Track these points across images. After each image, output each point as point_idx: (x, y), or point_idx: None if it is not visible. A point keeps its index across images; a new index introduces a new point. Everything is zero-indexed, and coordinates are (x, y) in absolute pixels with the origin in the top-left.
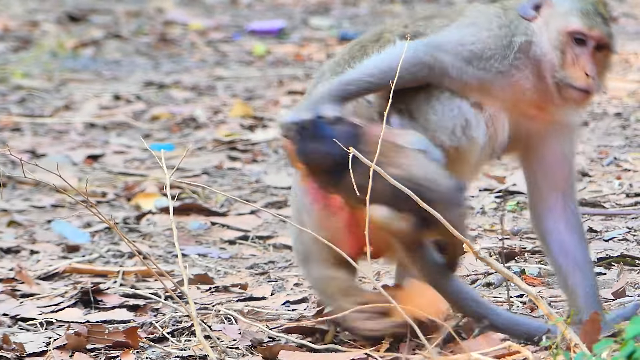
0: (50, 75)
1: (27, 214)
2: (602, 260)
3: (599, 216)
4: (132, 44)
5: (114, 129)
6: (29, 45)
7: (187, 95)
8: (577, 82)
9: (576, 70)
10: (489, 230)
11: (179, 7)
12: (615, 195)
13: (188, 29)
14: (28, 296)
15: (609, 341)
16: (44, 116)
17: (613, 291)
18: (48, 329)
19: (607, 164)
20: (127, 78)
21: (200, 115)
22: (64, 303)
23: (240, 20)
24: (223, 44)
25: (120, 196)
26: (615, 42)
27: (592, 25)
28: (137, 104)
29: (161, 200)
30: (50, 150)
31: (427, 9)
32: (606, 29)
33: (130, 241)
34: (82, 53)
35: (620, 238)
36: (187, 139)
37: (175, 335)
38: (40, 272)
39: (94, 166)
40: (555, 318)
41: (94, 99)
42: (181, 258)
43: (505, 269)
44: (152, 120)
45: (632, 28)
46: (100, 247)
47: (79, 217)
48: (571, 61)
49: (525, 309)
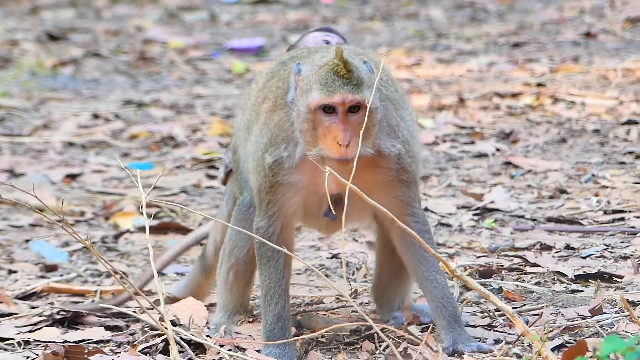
0: (30, 94)
1: (5, 233)
2: (580, 278)
3: (577, 233)
4: (111, 62)
5: (93, 147)
6: (8, 64)
7: (166, 114)
8: (331, 154)
9: (329, 141)
10: (466, 248)
11: (158, 25)
12: (593, 212)
13: (167, 47)
14: (6, 316)
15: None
16: (23, 135)
17: (590, 308)
18: (26, 348)
19: (585, 180)
20: (106, 97)
21: (178, 134)
22: (42, 323)
23: (220, 39)
24: (202, 62)
25: (98, 215)
26: (369, 95)
27: (331, 93)
28: (116, 122)
29: (139, 219)
30: (29, 169)
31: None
32: (351, 89)
33: (107, 261)
34: (61, 72)
35: (598, 255)
36: (165, 157)
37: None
38: (18, 291)
39: (72, 185)
40: (532, 335)
41: (73, 118)
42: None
43: (482, 286)
44: (131, 139)
45: (611, 44)
46: (78, 266)
47: (57, 237)
48: (324, 133)
49: (505, 326)
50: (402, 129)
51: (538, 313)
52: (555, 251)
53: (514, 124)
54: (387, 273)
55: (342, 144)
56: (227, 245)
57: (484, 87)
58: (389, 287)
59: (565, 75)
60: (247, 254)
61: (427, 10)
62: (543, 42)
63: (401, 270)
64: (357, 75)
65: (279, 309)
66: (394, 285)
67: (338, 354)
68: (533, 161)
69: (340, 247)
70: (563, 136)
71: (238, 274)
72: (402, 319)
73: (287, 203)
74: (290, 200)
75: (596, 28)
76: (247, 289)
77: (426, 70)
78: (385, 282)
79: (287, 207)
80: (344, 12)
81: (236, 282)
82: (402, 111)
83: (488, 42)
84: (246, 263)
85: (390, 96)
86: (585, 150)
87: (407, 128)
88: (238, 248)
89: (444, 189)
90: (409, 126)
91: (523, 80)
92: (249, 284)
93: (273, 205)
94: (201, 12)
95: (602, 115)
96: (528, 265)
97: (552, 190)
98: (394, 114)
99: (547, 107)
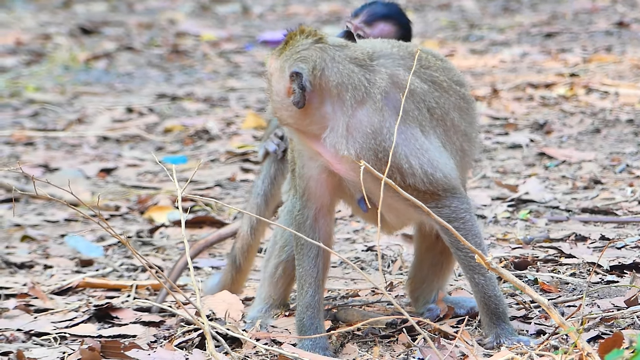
0: (63, 89)
1: (40, 228)
2: (615, 268)
3: (612, 224)
4: (144, 56)
5: (127, 142)
6: (42, 58)
7: (200, 107)
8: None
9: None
10: (501, 239)
11: (190, 18)
12: (628, 202)
13: (200, 40)
14: (42, 311)
15: (620, 351)
16: (57, 130)
17: (625, 299)
18: (62, 344)
19: (619, 171)
20: (139, 90)
21: (212, 127)
22: (78, 318)
23: (252, 31)
24: (235, 55)
25: (133, 209)
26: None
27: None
28: (149, 116)
29: (174, 214)
30: (63, 164)
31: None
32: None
33: (142, 256)
34: (94, 66)
35: (633, 245)
36: (200, 151)
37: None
38: (54, 286)
39: (107, 179)
40: (568, 327)
41: (107, 112)
42: (193, 271)
43: (517, 278)
44: (165, 132)
45: None
46: (113, 261)
47: (93, 232)
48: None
49: (540, 318)
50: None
51: (574, 304)
52: (591, 242)
53: (548, 115)
54: (427, 264)
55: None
56: (278, 240)
57: (517, 77)
58: (427, 278)
59: (599, 65)
60: None
61: (459, 1)
62: (576, 32)
63: (441, 261)
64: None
65: (308, 298)
66: (432, 277)
67: (374, 347)
68: (567, 152)
69: (376, 239)
70: (597, 126)
71: (287, 270)
72: (437, 311)
73: (315, 182)
74: (318, 180)
75: (629, 17)
76: (291, 285)
77: (459, 61)
78: (424, 273)
79: (316, 187)
80: None
81: (283, 277)
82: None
83: (521, 32)
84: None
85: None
86: (619, 141)
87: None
88: (290, 246)
89: (479, 181)
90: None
91: (556, 71)
92: (294, 281)
93: (302, 182)
94: (234, 5)
95: (636, 105)
96: (563, 257)
97: (587, 181)
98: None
99: (581, 97)
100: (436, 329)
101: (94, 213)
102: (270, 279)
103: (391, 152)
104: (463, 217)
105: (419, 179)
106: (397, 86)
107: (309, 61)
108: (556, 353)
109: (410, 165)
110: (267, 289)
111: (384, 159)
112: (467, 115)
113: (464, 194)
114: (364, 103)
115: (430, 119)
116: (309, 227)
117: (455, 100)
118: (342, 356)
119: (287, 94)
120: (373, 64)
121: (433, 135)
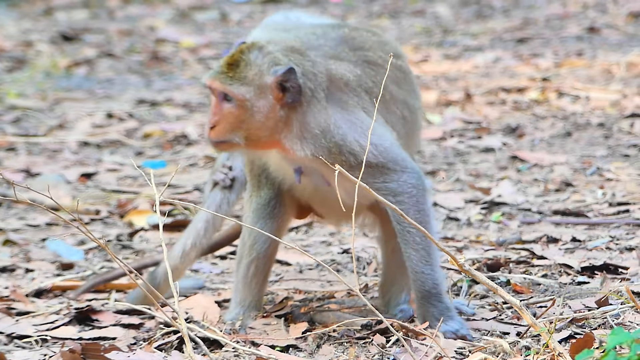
0: (44, 95)
1: (22, 232)
2: (586, 269)
3: (583, 225)
4: (124, 62)
5: (107, 147)
6: (23, 65)
7: (179, 113)
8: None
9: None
10: (474, 241)
11: (170, 25)
12: (599, 204)
13: (179, 46)
14: (23, 314)
15: (591, 351)
16: (39, 135)
17: (596, 300)
18: (43, 346)
19: (590, 174)
20: (119, 96)
21: (191, 132)
22: (59, 321)
23: (231, 37)
24: (214, 61)
25: (113, 213)
26: (238, 93)
27: (208, 76)
28: (129, 121)
29: (153, 217)
30: (44, 169)
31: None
32: (224, 79)
33: (121, 260)
34: (75, 72)
35: (604, 247)
36: (179, 155)
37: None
38: (35, 289)
39: (87, 184)
40: (540, 328)
41: (88, 118)
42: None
43: (489, 280)
44: (145, 137)
45: (614, 39)
46: (93, 264)
47: (73, 235)
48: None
49: (512, 318)
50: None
51: (545, 305)
52: (562, 243)
53: (520, 119)
54: (393, 266)
55: (209, 125)
56: (247, 241)
57: (490, 82)
58: (395, 280)
59: (570, 70)
60: (269, 248)
61: (433, 8)
62: (547, 37)
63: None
64: (239, 70)
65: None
66: (400, 278)
67: (350, 348)
68: (539, 155)
69: (351, 242)
70: (568, 130)
71: (259, 268)
72: (410, 312)
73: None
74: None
75: (599, 23)
76: (265, 285)
77: (433, 66)
78: (392, 275)
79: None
80: (352, 10)
81: (256, 275)
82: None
83: (494, 38)
84: (266, 257)
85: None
86: (590, 144)
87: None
88: (259, 243)
89: (452, 184)
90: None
91: (528, 75)
92: (266, 279)
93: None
94: (212, 12)
95: (606, 108)
96: (535, 258)
97: (558, 184)
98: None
99: (552, 101)
100: (408, 329)
101: (74, 217)
102: (243, 279)
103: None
104: (409, 191)
105: (370, 155)
106: (332, 80)
107: (282, 61)
108: (527, 354)
109: (360, 145)
110: (242, 291)
111: (337, 152)
112: (405, 85)
113: (416, 170)
114: (310, 104)
115: (370, 98)
116: (272, 207)
117: (392, 73)
118: (318, 357)
119: (277, 100)
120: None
121: (376, 112)
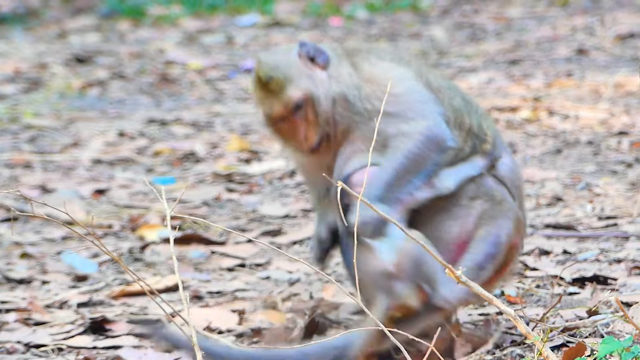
0: (59, 115)
1: (38, 246)
2: (576, 281)
3: (573, 238)
4: (135, 83)
5: (119, 164)
6: (39, 86)
7: (188, 131)
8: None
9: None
10: None
11: (178, 48)
12: (588, 218)
13: (187, 68)
14: (40, 324)
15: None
16: (54, 153)
17: (587, 310)
18: (59, 355)
19: (580, 189)
20: (131, 116)
21: (199, 150)
22: (74, 330)
23: (236, 59)
24: (220, 82)
25: (125, 227)
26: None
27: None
28: (140, 140)
29: (164, 231)
30: (59, 185)
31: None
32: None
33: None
34: (88, 93)
35: (593, 259)
36: (187, 172)
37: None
38: (49, 300)
39: (100, 200)
40: (533, 337)
41: (100, 136)
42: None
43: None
44: (155, 155)
45: (601, 60)
46: (107, 276)
47: (88, 249)
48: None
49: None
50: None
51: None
52: (554, 255)
53: (513, 137)
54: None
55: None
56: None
57: (484, 102)
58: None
59: (560, 90)
60: None
61: (429, 31)
62: (538, 58)
63: None
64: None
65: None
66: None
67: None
68: (531, 171)
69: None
70: (558, 147)
71: None
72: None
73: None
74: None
75: (588, 45)
76: None
77: None
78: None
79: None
80: (351, 33)
81: None
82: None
83: (487, 59)
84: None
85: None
86: (580, 160)
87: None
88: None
89: None
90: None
91: (520, 95)
92: None
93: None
94: (218, 35)
95: (595, 127)
96: (528, 269)
97: (549, 198)
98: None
99: (543, 120)
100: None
101: (88, 232)
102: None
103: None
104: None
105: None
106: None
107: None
108: None
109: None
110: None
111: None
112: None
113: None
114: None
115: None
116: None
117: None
118: None
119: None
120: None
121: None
